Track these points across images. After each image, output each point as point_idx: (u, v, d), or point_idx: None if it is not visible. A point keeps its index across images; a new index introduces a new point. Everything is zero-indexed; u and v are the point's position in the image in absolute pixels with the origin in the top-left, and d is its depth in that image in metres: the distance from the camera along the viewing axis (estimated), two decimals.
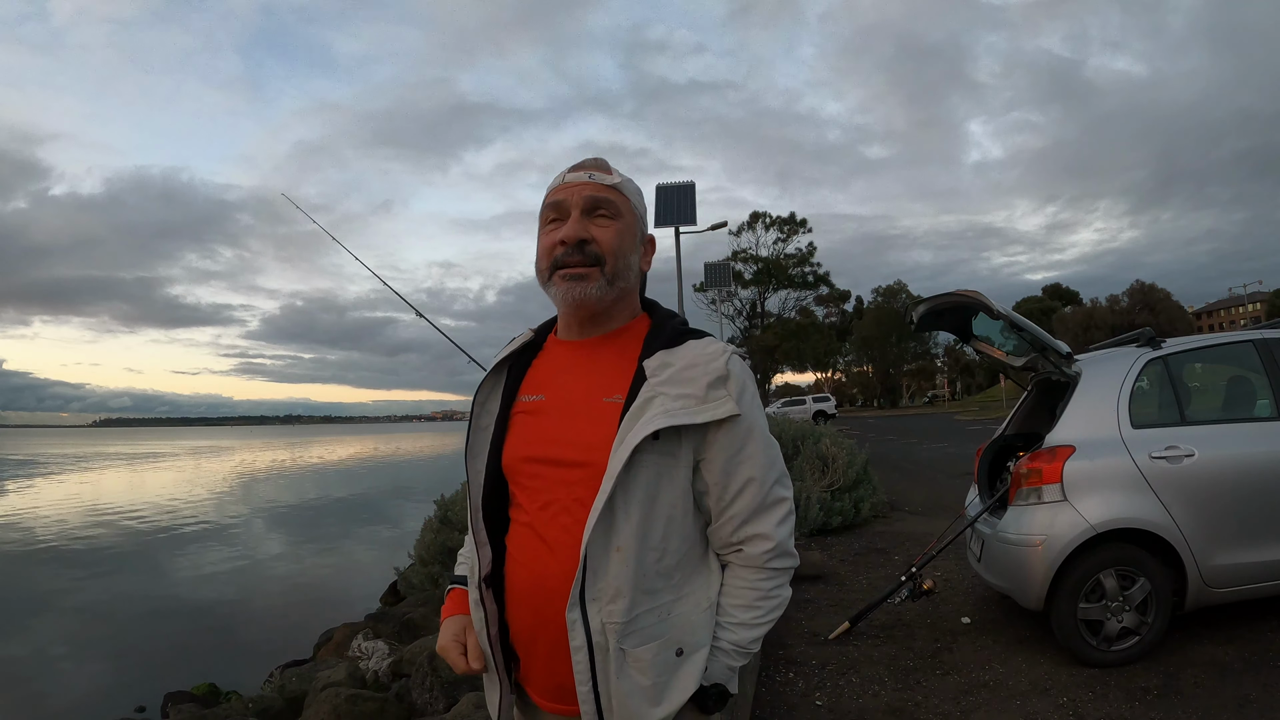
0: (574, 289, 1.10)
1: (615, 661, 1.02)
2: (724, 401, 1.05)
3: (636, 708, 1.03)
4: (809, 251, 43.31)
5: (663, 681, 1.04)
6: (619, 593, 1.02)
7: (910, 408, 65.33)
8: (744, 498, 1.09)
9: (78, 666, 6.77)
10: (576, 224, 1.11)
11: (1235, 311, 69.23)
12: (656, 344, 1.10)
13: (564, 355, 1.18)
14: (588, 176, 1.13)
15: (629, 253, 1.14)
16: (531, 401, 1.16)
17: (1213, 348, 4.07)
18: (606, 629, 1.02)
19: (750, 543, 1.10)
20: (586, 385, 1.12)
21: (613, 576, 1.02)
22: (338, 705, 3.47)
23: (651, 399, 1.04)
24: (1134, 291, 46.05)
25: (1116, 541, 3.38)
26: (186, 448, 69.80)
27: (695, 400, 1.04)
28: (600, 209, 1.12)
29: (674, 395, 1.04)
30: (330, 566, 11.31)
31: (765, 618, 1.12)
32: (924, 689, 3.31)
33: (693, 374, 1.06)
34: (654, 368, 1.07)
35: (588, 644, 1.02)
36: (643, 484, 1.03)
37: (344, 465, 38.58)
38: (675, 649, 1.05)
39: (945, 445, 17.99)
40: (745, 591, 1.11)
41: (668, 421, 1.02)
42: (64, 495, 23.19)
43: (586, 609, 1.02)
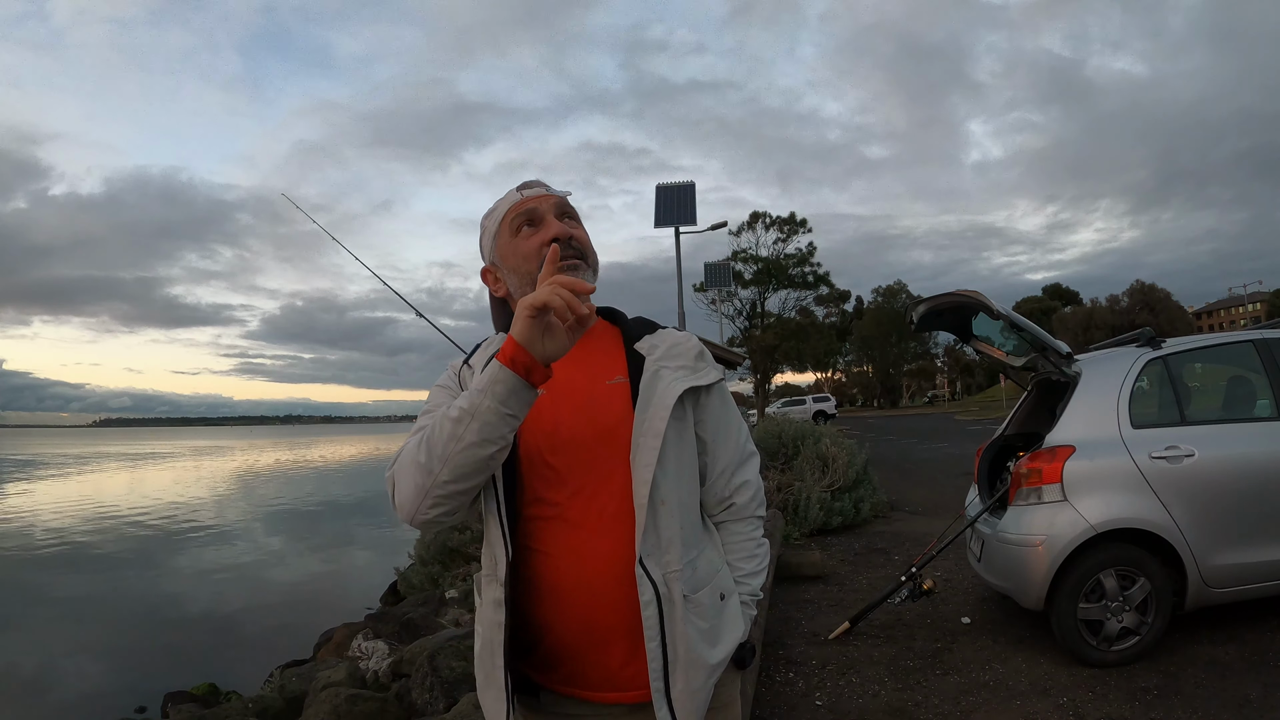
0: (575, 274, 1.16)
1: (681, 609, 1.10)
2: (712, 369, 1.23)
3: (699, 651, 1.11)
4: (809, 251, 43.25)
5: (717, 625, 1.15)
6: (670, 543, 1.11)
7: (910, 408, 65.33)
8: (730, 450, 1.25)
9: (78, 667, 6.77)
10: (561, 224, 1.21)
11: (1235, 311, 69.22)
12: (638, 332, 1.23)
13: None
14: (545, 189, 1.25)
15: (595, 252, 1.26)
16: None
17: (1213, 348, 4.07)
18: (668, 579, 1.10)
19: (740, 491, 1.26)
20: (584, 373, 1.19)
21: (664, 529, 1.11)
22: (338, 705, 3.47)
23: (658, 372, 1.16)
24: (1134, 291, 46.06)
25: (1116, 541, 3.38)
26: (187, 448, 69.79)
27: (690, 370, 1.19)
28: (568, 214, 1.24)
29: (674, 367, 1.18)
30: (330, 566, 11.31)
31: (762, 564, 1.27)
32: (924, 689, 3.31)
33: (680, 350, 1.21)
34: (647, 348, 1.20)
35: (656, 597, 1.08)
36: (673, 442, 1.14)
37: (344, 465, 38.57)
38: (719, 593, 1.17)
39: (945, 445, 17.99)
40: (744, 543, 1.26)
41: (689, 383, 1.17)
42: (64, 495, 23.19)
43: (646, 565, 1.08)
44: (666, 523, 1.11)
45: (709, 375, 1.21)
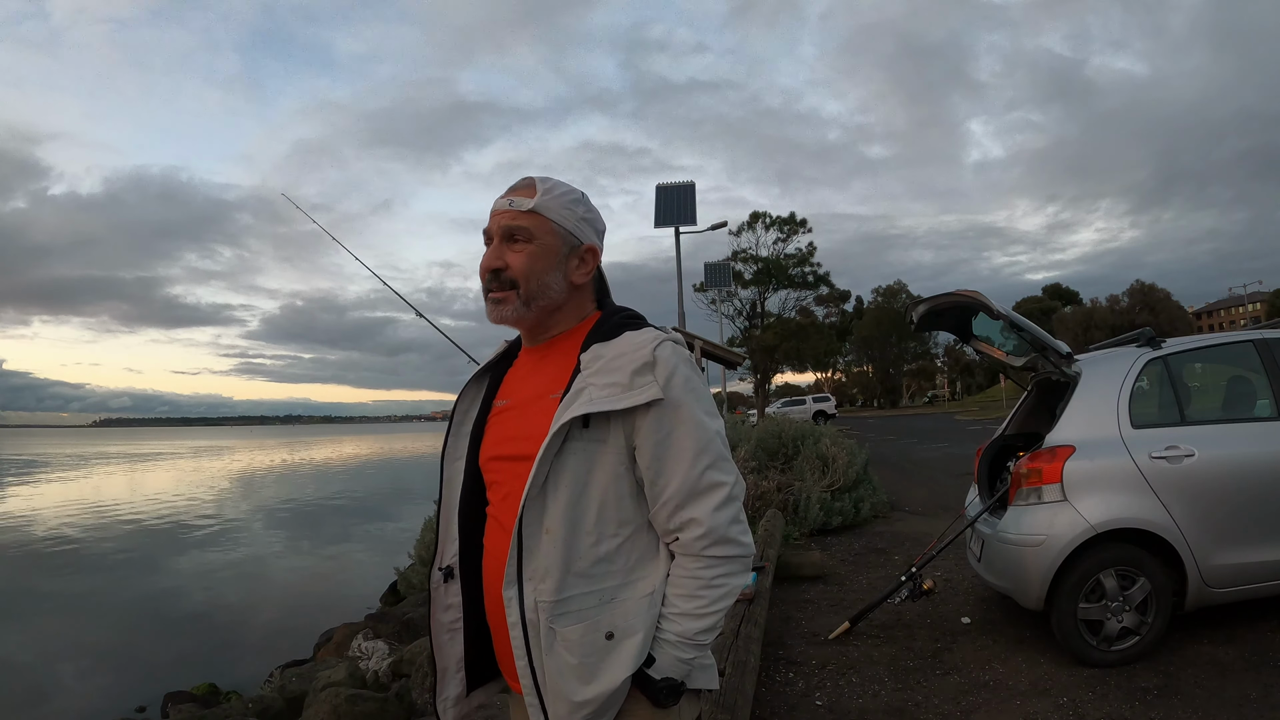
0: (493, 312, 1.22)
1: (545, 639, 1.09)
2: (647, 387, 1.10)
3: (567, 685, 1.08)
4: (809, 251, 43.27)
5: (590, 663, 1.08)
6: (548, 572, 1.09)
7: (910, 408, 65.31)
8: (675, 483, 1.11)
9: (78, 667, 6.77)
10: (492, 253, 1.21)
11: (1235, 311, 69.20)
12: (594, 338, 1.18)
13: (524, 362, 1.30)
14: (508, 204, 1.21)
15: (545, 272, 1.20)
16: (501, 405, 1.28)
17: (1213, 348, 4.07)
18: (538, 607, 1.09)
19: (686, 529, 1.12)
20: (537, 385, 1.22)
21: (543, 556, 1.10)
22: (338, 705, 3.47)
23: (582, 389, 1.11)
24: (1134, 291, 46.07)
25: (1116, 541, 3.38)
26: (187, 448, 69.79)
27: (621, 388, 1.10)
28: (516, 235, 1.20)
29: (601, 384, 1.11)
30: (330, 566, 11.31)
31: (710, 608, 1.12)
32: (924, 689, 3.31)
33: (620, 363, 1.12)
34: (587, 360, 1.15)
35: (521, 621, 1.10)
36: (571, 468, 1.10)
37: (344, 465, 38.58)
38: (605, 632, 1.09)
39: (945, 445, 17.99)
40: (685, 580, 1.13)
41: (587, 408, 1.09)
42: (64, 495, 23.19)
43: (523, 587, 1.10)
44: (548, 551, 1.09)
45: (638, 395, 1.09)
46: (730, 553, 1.13)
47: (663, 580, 1.14)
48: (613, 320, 1.22)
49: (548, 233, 1.21)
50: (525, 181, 1.24)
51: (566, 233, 1.22)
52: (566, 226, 1.22)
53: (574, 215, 1.23)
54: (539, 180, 1.23)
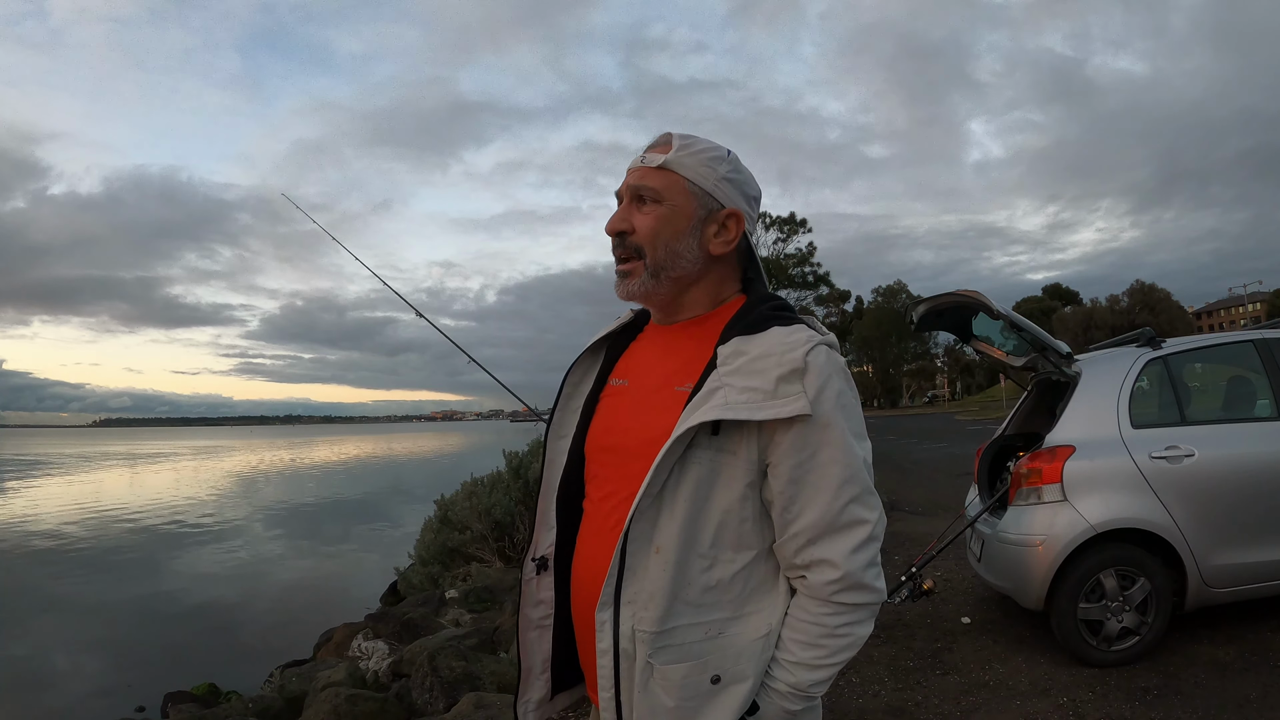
0: (621, 286, 1.07)
1: (641, 675, 0.95)
2: (794, 399, 0.93)
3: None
4: (809, 251, 43.34)
5: (690, 707, 0.94)
6: (653, 597, 0.94)
7: (910, 408, 65.35)
8: (810, 514, 0.96)
9: (78, 667, 6.77)
10: (618, 215, 1.07)
11: (1235, 311, 69.23)
12: (736, 329, 1.01)
13: (652, 340, 1.14)
14: (640, 160, 1.07)
15: (675, 239, 1.04)
16: (617, 386, 1.13)
17: (1213, 348, 4.07)
18: (636, 636, 0.95)
19: (815, 569, 0.97)
20: (664, 371, 1.06)
21: (650, 579, 0.95)
22: (338, 705, 3.47)
23: (716, 389, 0.95)
24: (1134, 291, 46.06)
25: (1116, 541, 3.38)
26: (187, 448, 69.81)
27: (762, 394, 0.94)
28: (643, 194, 1.06)
29: (740, 387, 0.94)
30: (330, 566, 11.31)
31: (830, 659, 0.97)
32: (924, 689, 3.31)
33: (764, 364, 0.95)
34: (726, 355, 0.98)
35: (614, 649, 0.96)
36: (693, 480, 0.95)
37: (344, 465, 38.58)
38: (712, 675, 0.95)
39: (945, 445, 18.00)
40: (807, 626, 0.97)
41: (720, 414, 0.93)
42: (64, 495, 23.19)
43: (620, 612, 0.96)
44: (656, 574, 0.95)
45: (781, 408, 0.93)
46: (863, 600, 0.98)
47: (780, 620, 0.99)
48: (760, 310, 1.04)
49: (680, 192, 1.04)
50: (664, 137, 1.09)
51: (704, 193, 1.05)
52: (704, 186, 1.05)
53: (714, 174, 1.05)
54: (677, 136, 1.07)
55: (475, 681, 3.57)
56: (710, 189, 1.05)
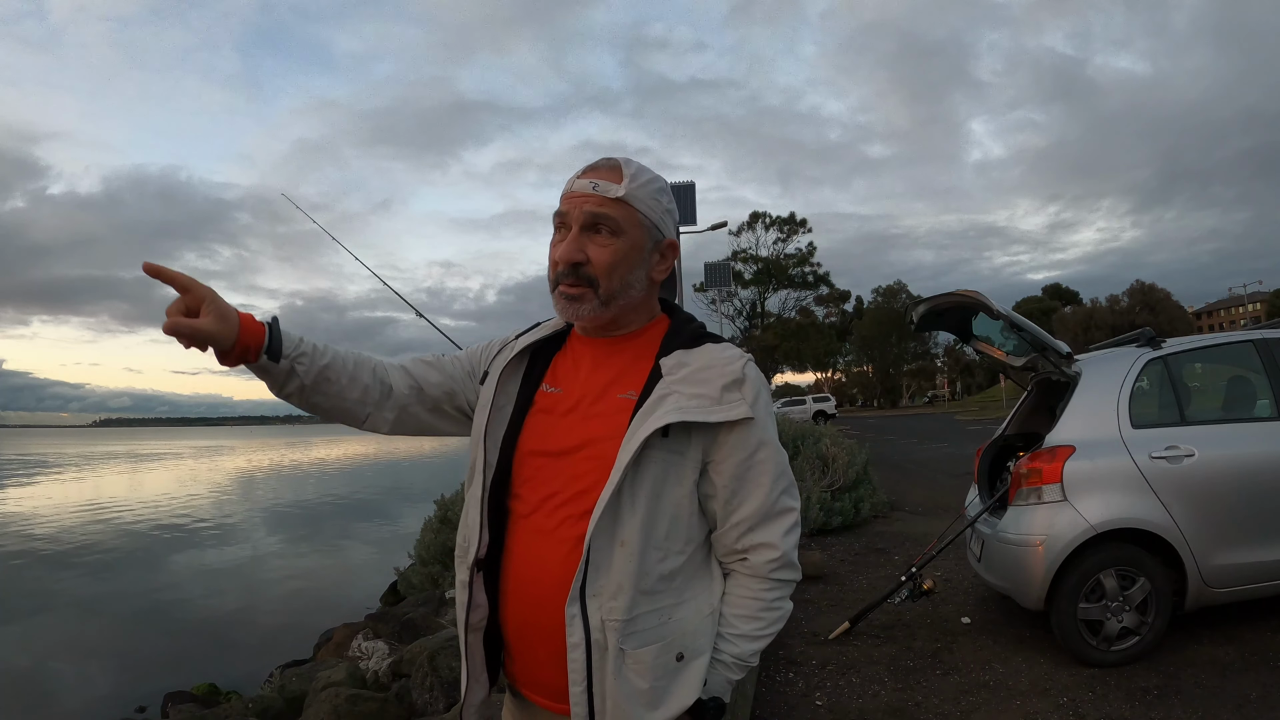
0: (568, 308, 1.11)
1: (614, 661, 1.01)
2: (738, 404, 1.05)
3: (631, 711, 1.01)
4: (809, 251, 43.42)
5: (661, 686, 1.03)
6: (620, 589, 1.01)
7: (910, 408, 65.34)
8: (751, 504, 1.08)
9: (78, 667, 6.77)
10: (572, 244, 1.08)
11: (1235, 311, 69.24)
12: (674, 344, 1.11)
13: (584, 352, 1.18)
14: (592, 187, 1.08)
15: (630, 269, 1.10)
16: (551, 394, 1.16)
17: (1213, 348, 4.07)
18: (606, 626, 1.01)
19: (755, 551, 1.09)
20: (603, 381, 1.13)
21: (615, 572, 1.01)
22: (338, 705, 3.47)
23: (665, 396, 1.05)
24: (1134, 291, 46.13)
25: (1116, 541, 3.38)
26: (187, 448, 69.82)
27: (709, 400, 1.05)
28: (601, 224, 1.08)
29: (688, 394, 1.05)
30: (330, 566, 11.31)
31: (766, 630, 1.11)
32: (924, 689, 3.31)
33: (708, 375, 1.06)
34: (670, 366, 1.08)
35: (585, 641, 1.01)
36: (649, 479, 1.03)
37: (344, 465, 38.58)
38: (676, 653, 1.05)
39: (945, 445, 18.00)
40: (748, 601, 1.10)
41: (679, 417, 1.02)
42: (64, 495, 23.20)
43: (586, 605, 1.01)
44: (621, 566, 1.02)
45: (729, 411, 1.05)
46: (793, 576, 1.13)
47: (719, 600, 1.11)
48: (691, 328, 1.15)
49: (635, 225, 1.09)
50: (609, 162, 1.11)
51: (652, 225, 1.11)
52: (653, 219, 1.11)
53: (660, 206, 1.12)
54: (624, 163, 1.10)
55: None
56: (657, 221, 1.12)
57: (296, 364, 1.11)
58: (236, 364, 1.06)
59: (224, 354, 1.04)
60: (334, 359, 1.16)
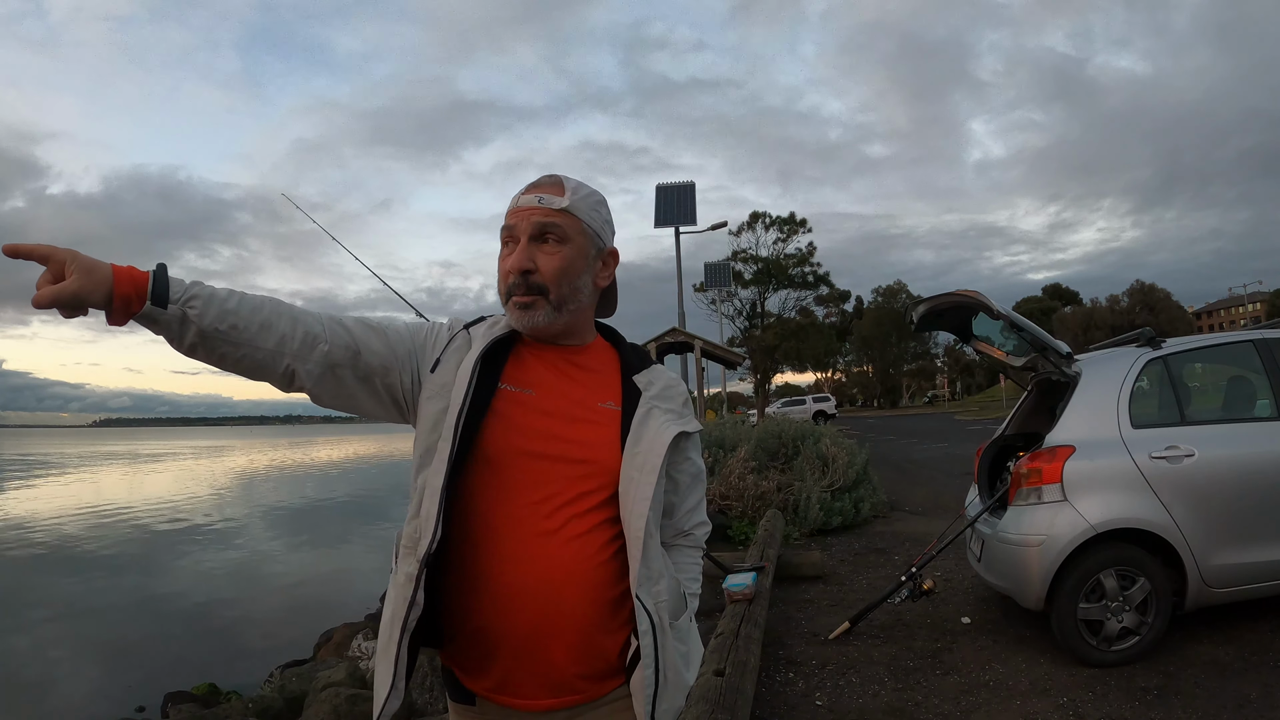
0: (523, 317, 1.17)
1: (669, 636, 1.16)
2: (692, 418, 1.27)
3: (682, 674, 1.18)
4: (809, 251, 43.35)
5: (689, 648, 1.22)
6: (660, 574, 1.17)
7: (910, 408, 65.33)
8: (695, 495, 1.34)
9: (78, 667, 6.77)
10: (522, 254, 1.15)
11: (1235, 311, 69.21)
12: (637, 364, 1.26)
13: (546, 359, 1.22)
14: (537, 200, 1.15)
15: (577, 275, 1.18)
16: (519, 393, 1.17)
17: (1213, 348, 4.07)
18: (659, 608, 1.15)
19: (698, 528, 1.36)
20: (579, 390, 1.21)
21: (653, 560, 1.16)
22: (338, 705, 3.47)
23: (651, 411, 1.20)
24: (1134, 291, 46.13)
25: (1116, 541, 3.38)
26: (187, 448, 69.81)
27: (677, 415, 1.23)
28: (548, 234, 1.15)
29: (665, 409, 1.21)
30: (330, 566, 11.31)
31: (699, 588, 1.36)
32: (924, 689, 3.31)
33: (671, 393, 1.25)
34: (644, 383, 1.23)
35: (652, 627, 1.12)
36: (661, 479, 1.18)
37: (344, 465, 38.58)
38: (690, 617, 1.26)
39: (945, 445, 18.00)
40: (693, 567, 1.35)
41: (683, 427, 1.21)
42: (64, 495, 23.19)
43: (640, 596, 1.12)
44: (655, 558, 1.17)
45: (693, 423, 1.25)
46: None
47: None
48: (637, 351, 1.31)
49: (579, 234, 1.18)
50: (551, 179, 1.19)
51: (595, 234, 1.20)
52: (594, 228, 1.19)
53: (600, 217, 1.21)
54: (564, 179, 1.19)
55: None
56: (598, 230, 1.21)
57: (188, 308, 0.99)
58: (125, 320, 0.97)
59: (107, 312, 0.96)
60: (241, 303, 1.04)
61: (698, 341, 14.41)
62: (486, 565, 1.10)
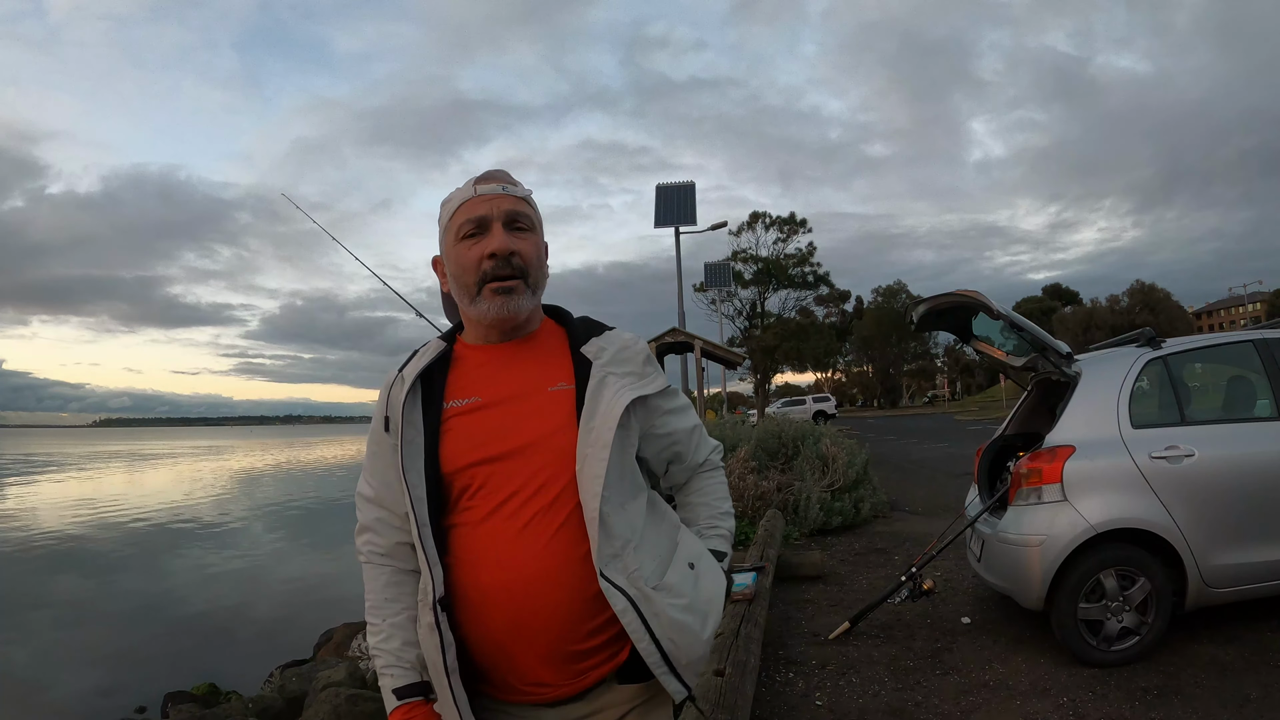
0: (507, 303, 1.14)
1: (658, 601, 1.08)
2: (657, 376, 1.22)
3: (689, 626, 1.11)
4: (809, 251, 43.38)
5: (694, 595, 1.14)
6: (625, 546, 1.09)
7: (910, 408, 65.34)
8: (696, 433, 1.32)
9: (78, 667, 6.77)
10: (504, 236, 1.14)
11: (1235, 311, 69.21)
12: (586, 334, 1.20)
13: (490, 358, 1.20)
14: (501, 189, 1.16)
15: (543, 262, 1.21)
16: (464, 405, 1.16)
17: (1213, 348, 4.07)
18: (634, 579, 1.08)
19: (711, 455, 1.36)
20: (525, 380, 1.17)
21: (617, 536, 1.08)
22: (338, 705, 3.47)
23: (605, 379, 1.14)
24: (1134, 291, 46.15)
25: (1116, 541, 3.38)
26: (187, 448, 69.81)
27: (638, 377, 1.18)
28: (519, 221, 1.16)
29: (621, 374, 1.16)
30: (330, 566, 11.31)
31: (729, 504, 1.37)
32: (924, 689, 3.31)
33: (628, 355, 1.19)
34: (594, 353, 1.17)
35: (630, 602, 1.07)
36: (618, 450, 1.11)
37: (344, 465, 38.58)
38: (687, 563, 1.17)
39: (945, 445, 18.00)
40: (719, 487, 1.36)
41: (638, 392, 1.15)
42: (64, 495, 23.19)
43: (609, 575, 1.06)
44: (620, 529, 1.09)
45: (656, 382, 1.21)
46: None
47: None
48: (584, 320, 1.26)
49: (539, 222, 1.21)
50: (499, 171, 1.22)
51: (541, 228, 1.23)
52: (540, 222, 1.23)
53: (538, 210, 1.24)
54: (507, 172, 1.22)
55: None
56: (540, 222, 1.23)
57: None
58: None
59: None
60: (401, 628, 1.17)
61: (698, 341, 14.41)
62: (473, 577, 1.10)
